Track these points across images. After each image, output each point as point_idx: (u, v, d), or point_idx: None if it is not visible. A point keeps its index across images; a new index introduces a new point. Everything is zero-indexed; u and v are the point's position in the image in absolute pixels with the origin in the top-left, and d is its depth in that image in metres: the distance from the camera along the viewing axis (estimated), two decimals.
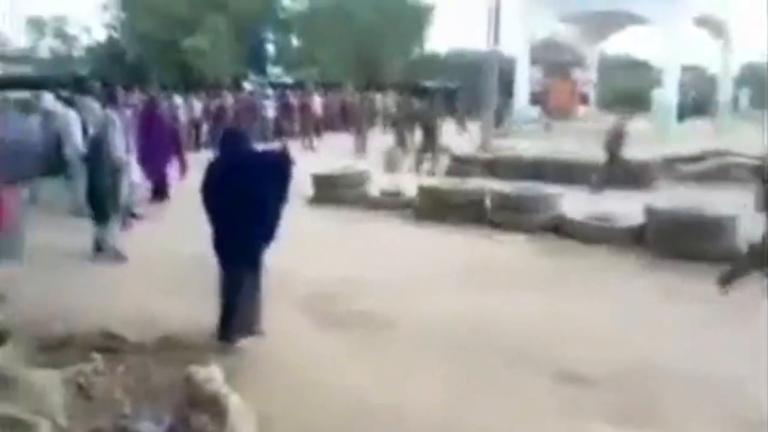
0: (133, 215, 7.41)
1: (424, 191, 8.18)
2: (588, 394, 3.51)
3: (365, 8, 29.81)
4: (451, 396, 3.46)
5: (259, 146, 4.18)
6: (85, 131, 8.17)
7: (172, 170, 9.42)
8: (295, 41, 32.14)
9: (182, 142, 9.88)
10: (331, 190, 8.88)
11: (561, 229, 7.16)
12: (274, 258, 4.27)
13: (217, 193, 3.99)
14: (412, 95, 19.03)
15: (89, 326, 4.08)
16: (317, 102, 18.08)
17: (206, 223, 4.11)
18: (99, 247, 6.07)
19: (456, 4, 41.20)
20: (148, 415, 3.08)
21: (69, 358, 3.67)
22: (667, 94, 18.22)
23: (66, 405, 3.15)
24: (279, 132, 17.09)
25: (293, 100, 17.82)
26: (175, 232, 6.71)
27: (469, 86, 24.02)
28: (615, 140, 9.93)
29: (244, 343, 3.94)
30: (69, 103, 8.44)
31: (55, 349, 3.83)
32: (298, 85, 23.70)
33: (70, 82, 15.17)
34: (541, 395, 3.50)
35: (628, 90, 28.49)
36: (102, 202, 6.06)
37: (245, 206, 3.94)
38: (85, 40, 35.23)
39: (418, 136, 12.93)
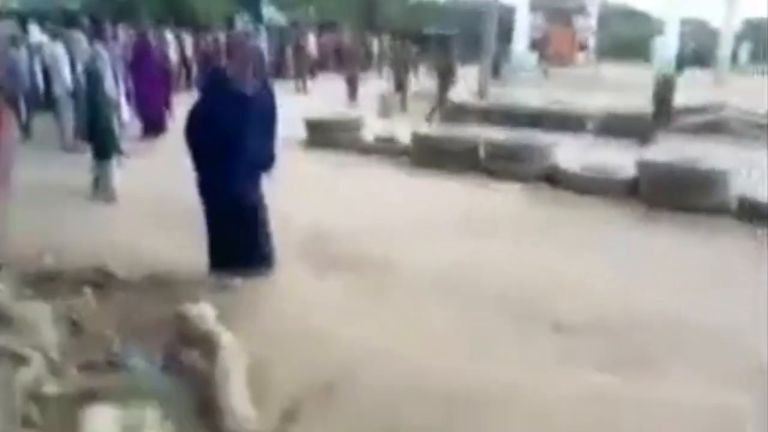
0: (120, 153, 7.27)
1: (417, 138, 8.10)
2: (582, 343, 3.54)
3: None
4: (447, 343, 3.48)
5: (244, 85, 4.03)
6: (72, 67, 7.98)
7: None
8: None
9: (171, 81, 9.65)
10: (325, 135, 8.77)
11: (555, 179, 7.14)
12: (268, 201, 4.23)
13: (200, 132, 3.92)
14: (410, 40, 18.61)
15: (79, 262, 4.05)
16: (312, 42, 17.68)
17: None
18: (98, 185, 6.01)
19: None
20: (139, 351, 3.10)
21: (58, 292, 3.66)
22: (666, 45, 17.92)
23: (58, 338, 3.16)
24: (272, 73, 16.74)
25: (287, 40, 17.42)
26: (166, 170, 6.60)
27: (467, 33, 23.52)
28: (665, 91, 9.86)
29: (238, 282, 3.93)
30: (56, 36, 8.19)
31: (45, 283, 3.81)
32: (293, 26, 23.13)
33: (58, 16, 14.72)
34: (536, 344, 3.53)
35: (628, 39, 28.08)
36: (102, 137, 5.98)
37: (229, 145, 3.87)
38: None
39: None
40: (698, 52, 23.02)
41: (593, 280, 4.36)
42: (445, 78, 12.20)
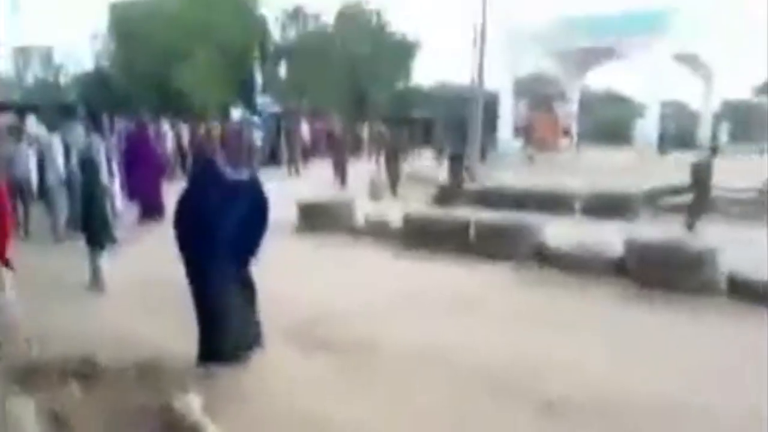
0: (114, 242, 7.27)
1: (409, 220, 8.21)
2: (572, 425, 3.48)
3: (353, 41, 30.32)
4: (434, 426, 3.41)
5: (231, 175, 4.13)
6: (67, 157, 8.15)
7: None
8: (283, 71, 32.47)
9: (165, 169, 9.88)
10: (317, 219, 8.88)
11: (544, 257, 7.20)
12: (259, 285, 4.24)
13: (188, 223, 3.96)
14: (398, 126, 19.23)
15: (66, 352, 3.99)
16: (305, 129, 18.21)
17: None
18: (95, 274, 5.94)
19: (442, 39, 42.08)
20: None
21: (44, 384, 3.58)
22: (647, 128, 18.58)
23: None
24: (267, 160, 17.17)
25: (281, 127, 17.95)
26: (159, 256, 6.63)
27: (452, 118, 24.35)
28: (704, 176, 9.87)
29: (224, 370, 3.87)
30: (53, 127, 8.40)
31: (30, 375, 3.73)
32: (286, 114, 23.88)
33: (55, 108, 15.17)
34: (525, 426, 3.46)
35: (609, 123, 29.09)
36: (97, 227, 5.95)
37: (217, 233, 3.92)
38: (72, 69, 35.37)
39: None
40: (679, 134, 23.84)
41: (583, 361, 4.32)
42: (455, 161, 12.51)
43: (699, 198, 9.79)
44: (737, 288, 6.08)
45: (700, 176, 9.83)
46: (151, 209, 9.25)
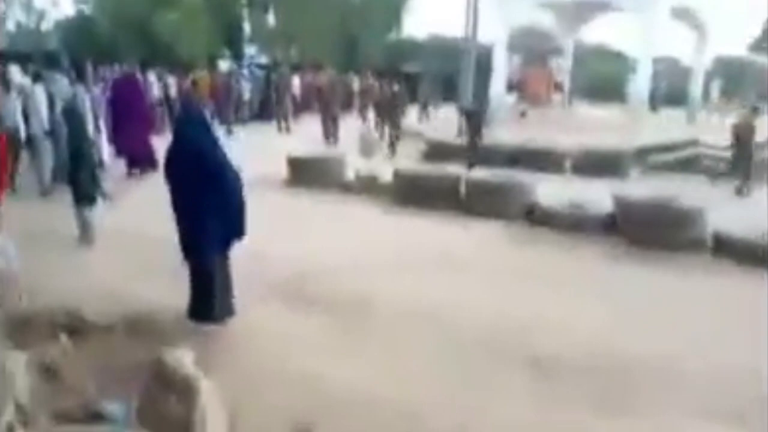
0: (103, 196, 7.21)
1: (399, 176, 8.17)
2: (562, 382, 3.55)
3: None
4: (426, 383, 3.47)
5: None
6: (51, 107, 7.96)
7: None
8: (271, 20, 31.66)
9: (153, 118, 9.69)
10: (306, 174, 8.81)
11: (534, 215, 7.23)
12: (248, 240, 4.22)
13: (176, 174, 3.93)
14: (391, 79, 18.92)
15: (56, 307, 3.98)
16: (295, 83, 17.87)
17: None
18: (84, 229, 5.86)
19: None
20: (115, 397, 3.03)
21: (34, 338, 3.59)
22: (640, 84, 18.41)
23: (31, 386, 3.08)
24: (255, 115, 16.89)
25: (270, 79, 17.58)
26: (146, 212, 6.59)
27: (446, 72, 24.01)
28: (746, 134, 9.54)
29: (215, 325, 3.89)
30: (37, 77, 8.15)
31: (20, 327, 3.74)
32: (274, 66, 23.42)
33: (38, 56, 14.76)
34: (516, 383, 3.52)
35: (602, 78, 28.81)
36: (84, 181, 5.80)
37: (209, 176, 3.88)
38: (53, 15, 34.31)
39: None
40: (670, 91, 23.69)
41: (571, 319, 4.39)
42: (473, 119, 11.67)
43: (741, 160, 9.44)
44: (721, 246, 6.18)
45: (743, 136, 9.45)
46: (142, 162, 9.11)
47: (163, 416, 2.89)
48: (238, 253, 4.20)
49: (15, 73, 8.63)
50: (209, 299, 3.98)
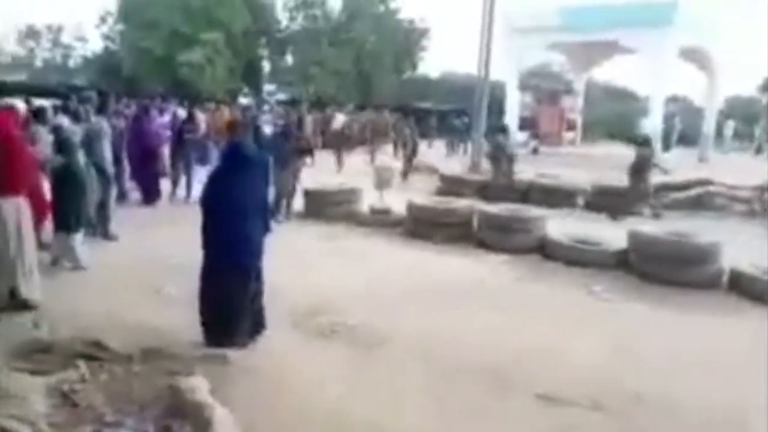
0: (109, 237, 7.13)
1: (413, 209, 8.26)
2: (571, 418, 3.53)
3: (361, 28, 30.22)
4: (434, 415, 3.47)
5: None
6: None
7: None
8: (289, 59, 32.41)
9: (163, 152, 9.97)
10: (322, 207, 8.94)
11: (546, 250, 7.25)
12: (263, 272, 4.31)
13: (220, 200, 4.07)
14: (406, 116, 19.29)
15: (74, 334, 4.05)
16: (308, 120, 18.25)
17: (192, 232, 4.17)
18: (55, 262, 5.87)
19: (449, 30, 41.84)
20: (131, 424, 3.07)
21: (51, 365, 3.65)
22: (652, 124, 18.51)
23: (49, 412, 3.13)
24: (275, 148, 17.16)
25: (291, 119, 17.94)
26: (162, 240, 6.73)
27: (459, 109, 24.35)
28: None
29: (231, 354, 3.93)
30: (75, 116, 8.25)
31: (37, 354, 3.80)
32: (292, 103, 23.90)
33: (64, 91, 15.18)
34: (525, 418, 3.51)
35: (615, 118, 28.97)
36: (67, 210, 5.80)
37: (243, 208, 4.06)
38: (80, 51, 35.38)
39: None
40: (683, 131, 23.75)
41: (579, 354, 4.37)
42: (498, 153, 11.49)
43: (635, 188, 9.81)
44: (737, 283, 6.14)
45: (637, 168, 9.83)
46: (149, 193, 9.50)
47: None
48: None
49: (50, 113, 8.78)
50: (226, 321, 4.05)
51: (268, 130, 15.32)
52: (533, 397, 3.72)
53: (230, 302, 4.05)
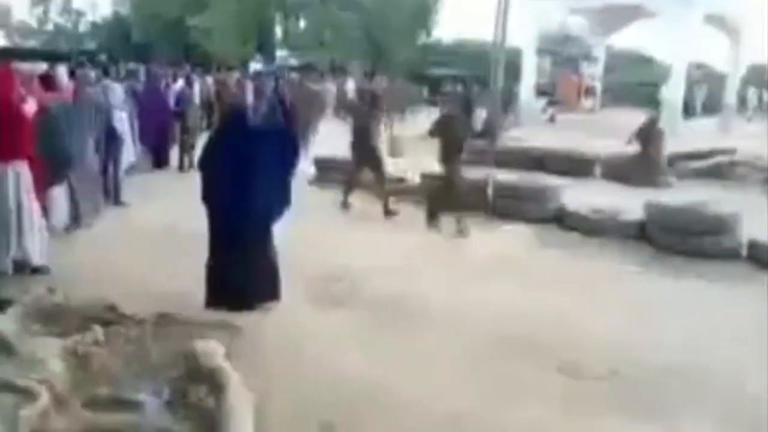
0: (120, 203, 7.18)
1: (426, 178, 8.16)
2: (594, 388, 3.50)
3: None
4: (451, 382, 3.46)
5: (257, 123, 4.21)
6: None
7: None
8: (302, 25, 31.98)
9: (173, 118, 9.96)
10: (333, 173, 8.86)
11: (563, 220, 7.16)
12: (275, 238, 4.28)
13: (216, 164, 4.03)
14: (419, 83, 19.02)
15: (88, 297, 4.07)
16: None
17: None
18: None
19: None
20: (146, 387, 3.09)
21: (66, 328, 3.68)
22: (674, 91, 18.11)
23: (65, 374, 3.16)
24: (287, 114, 17.03)
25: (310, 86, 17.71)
26: (173, 206, 6.71)
27: (474, 75, 23.92)
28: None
29: (245, 319, 3.94)
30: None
31: (53, 318, 3.83)
32: (304, 68, 23.67)
33: (75, 56, 15.13)
34: (546, 387, 3.48)
35: (635, 85, 28.39)
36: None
37: (244, 177, 3.99)
38: (90, 17, 35.21)
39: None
40: (705, 98, 23.26)
41: (604, 326, 4.32)
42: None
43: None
44: (756, 254, 6.03)
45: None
46: (159, 158, 9.63)
47: (193, 407, 2.94)
48: None
49: (62, 73, 8.74)
50: (226, 280, 4.08)
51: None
52: (552, 366, 3.69)
53: (227, 271, 4.05)
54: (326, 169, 9.00)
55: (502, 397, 3.33)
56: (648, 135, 10.05)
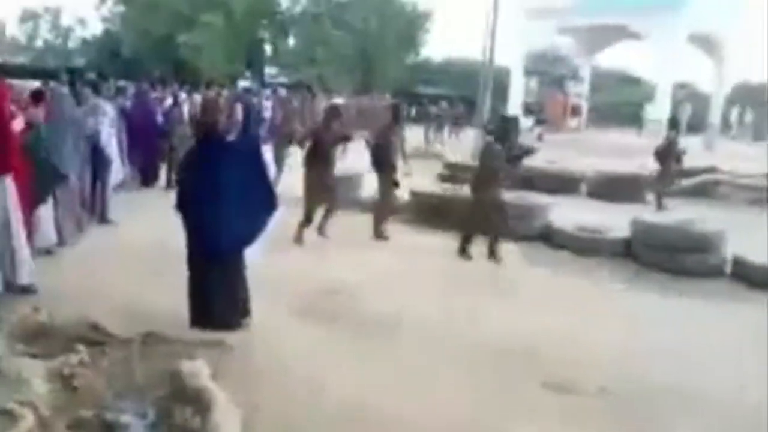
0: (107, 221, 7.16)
1: (416, 197, 8.20)
2: (585, 403, 3.52)
3: (364, 11, 29.93)
4: (443, 399, 3.46)
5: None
6: None
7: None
8: (291, 42, 32.18)
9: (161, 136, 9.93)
10: None
11: (550, 238, 7.21)
12: (266, 257, 4.27)
13: (191, 184, 4.06)
14: (409, 102, 19.10)
15: (73, 317, 4.03)
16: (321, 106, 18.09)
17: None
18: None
19: (453, 13, 41.38)
20: (131, 408, 3.06)
21: (51, 349, 3.64)
22: (658, 110, 18.38)
23: (49, 395, 3.12)
24: (276, 132, 17.03)
25: (296, 103, 17.73)
26: (161, 224, 6.67)
27: (462, 94, 24.13)
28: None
29: (232, 338, 3.92)
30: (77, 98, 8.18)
31: (37, 338, 3.79)
32: (294, 86, 23.72)
33: (63, 74, 15.08)
34: (531, 404, 3.49)
35: (620, 104, 28.79)
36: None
37: (218, 196, 3.99)
38: (79, 33, 35.22)
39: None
40: (689, 117, 23.57)
41: (592, 343, 4.34)
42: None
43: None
44: (741, 272, 6.10)
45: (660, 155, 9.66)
46: (145, 175, 9.60)
47: (179, 427, 2.91)
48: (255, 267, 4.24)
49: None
50: (207, 300, 4.07)
51: (268, 114, 15.20)
52: (540, 383, 3.70)
53: (203, 287, 4.05)
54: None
55: (494, 415, 3.34)
56: (667, 153, 10.13)
